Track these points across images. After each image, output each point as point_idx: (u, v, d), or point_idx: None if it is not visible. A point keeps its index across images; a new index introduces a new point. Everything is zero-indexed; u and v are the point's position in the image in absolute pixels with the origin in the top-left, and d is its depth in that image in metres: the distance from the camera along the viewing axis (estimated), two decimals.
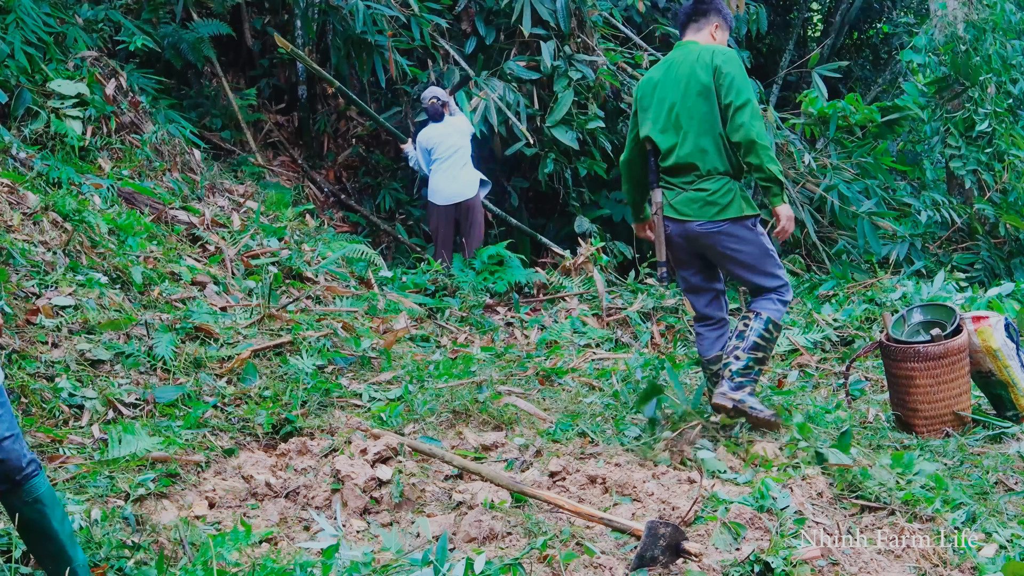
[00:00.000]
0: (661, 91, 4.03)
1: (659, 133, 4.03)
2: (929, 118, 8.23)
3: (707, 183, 3.94)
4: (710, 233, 3.94)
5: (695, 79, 3.91)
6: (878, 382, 5.22)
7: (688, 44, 4.07)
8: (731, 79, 3.85)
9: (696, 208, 3.95)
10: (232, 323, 4.84)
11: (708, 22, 4.12)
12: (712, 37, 4.11)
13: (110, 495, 3.20)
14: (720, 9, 4.13)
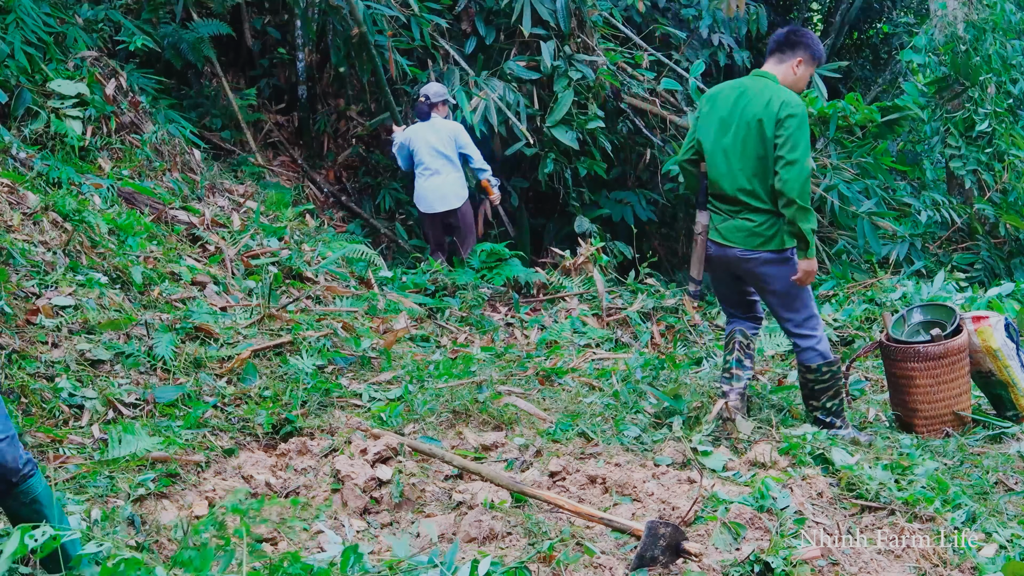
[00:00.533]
0: (724, 117, 4.12)
1: (712, 160, 4.16)
2: (929, 118, 8.22)
3: (753, 215, 4.08)
4: (750, 259, 4.12)
5: (757, 124, 4.01)
6: (878, 382, 5.22)
7: (764, 78, 4.14)
8: (790, 135, 3.94)
9: (741, 237, 4.12)
10: (232, 323, 4.84)
11: (793, 56, 4.17)
12: (793, 71, 4.17)
13: (110, 495, 3.20)
14: (809, 45, 4.18)
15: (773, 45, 4.23)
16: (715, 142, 4.14)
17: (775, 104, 3.97)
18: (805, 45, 4.16)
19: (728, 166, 4.10)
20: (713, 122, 4.16)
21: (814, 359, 4.19)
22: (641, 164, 9.21)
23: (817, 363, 4.19)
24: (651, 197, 9.20)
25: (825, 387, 4.22)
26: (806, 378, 4.24)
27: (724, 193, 4.14)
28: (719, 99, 4.18)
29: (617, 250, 8.47)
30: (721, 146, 4.12)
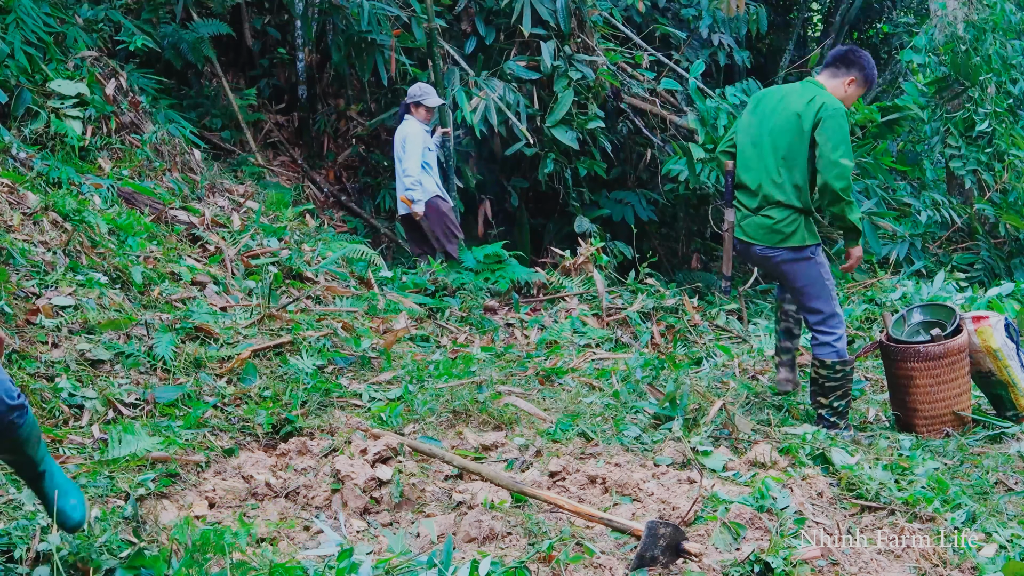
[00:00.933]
0: (765, 112, 4.24)
1: (743, 153, 4.29)
2: (929, 118, 8.22)
3: (774, 211, 4.18)
4: (770, 256, 4.23)
5: (795, 119, 4.11)
6: (878, 382, 5.22)
7: (812, 84, 4.24)
8: (830, 134, 4.03)
9: (762, 233, 4.22)
10: (232, 323, 4.84)
11: (847, 74, 4.25)
12: (844, 88, 4.26)
13: (110, 495, 3.20)
14: (865, 67, 4.26)
15: (830, 59, 4.34)
16: (749, 135, 4.26)
17: (816, 103, 4.08)
18: (860, 66, 4.25)
19: (758, 159, 4.20)
20: (754, 117, 4.28)
21: (830, 355, 4.26)
22: (641, 164, 9.22)
23: (832, 360, 4.26)
24: (651, 197, 9.21)
25: (835, 386, 4.28)
26: (819, 373, 4.30)
27: (748, 188, 4.24)
28: (765, 97, 4.31)
29: (617, 250, 8.47)
30: (754, 138, 4.23)
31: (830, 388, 4.29)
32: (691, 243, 9.95)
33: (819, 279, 4.22)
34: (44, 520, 2.85)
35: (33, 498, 3.00)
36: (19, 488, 3.09)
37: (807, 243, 4.18)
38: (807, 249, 4.18)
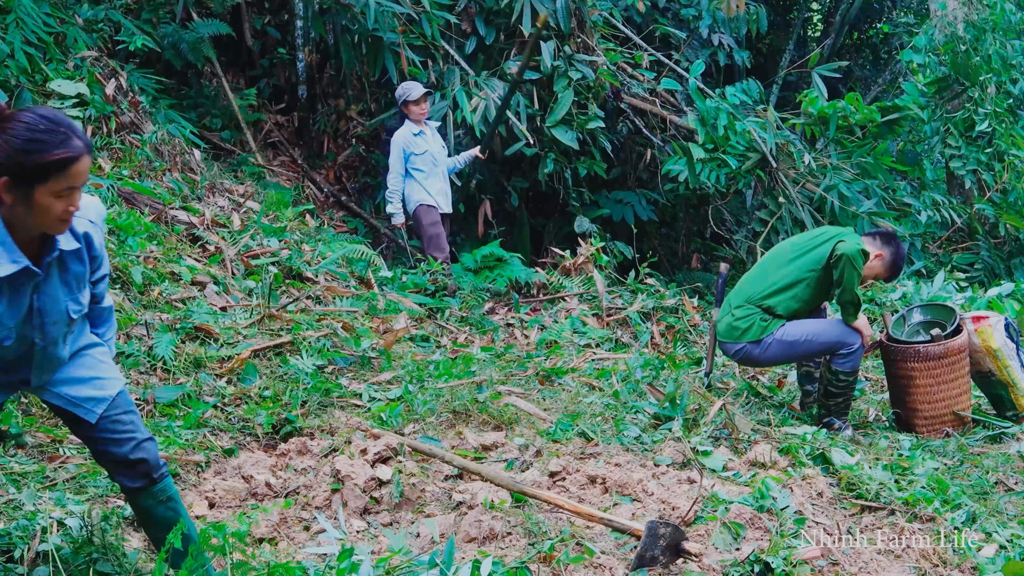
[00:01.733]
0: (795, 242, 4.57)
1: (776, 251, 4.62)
2: (929, 118, 8.22)
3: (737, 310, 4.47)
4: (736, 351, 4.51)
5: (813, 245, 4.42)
6: (878, 382, 5.22)
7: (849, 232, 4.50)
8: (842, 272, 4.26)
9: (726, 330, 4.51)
10: (232, 323, 4.84)
11: (876, 248, 4.46)
12: (872, 258, 4.44)
13: (110, 495, 3.20)
14: (895, 252, 4.48)
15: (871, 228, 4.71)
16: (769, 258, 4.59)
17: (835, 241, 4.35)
18: (889, 248, 4.47)
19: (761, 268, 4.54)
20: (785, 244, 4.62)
21: (843, 365, 4.38)
22: (641, 164, 9.21)
23: (839, 368, 4.38)
24: (651, 197, 9.20)
25: (837, 392, 4.42)
26: (826, 376, 4.44)
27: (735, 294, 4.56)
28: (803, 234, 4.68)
29: (617, 250, 8.47)
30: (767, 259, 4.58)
31: (833, 393, 4.42)
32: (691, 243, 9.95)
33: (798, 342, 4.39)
34: (44, 520, 2.85)
35: (33, 498, 3.00)
36: (19, 488, 3.09)
37: (765, 335, 4.40)
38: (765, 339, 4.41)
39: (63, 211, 2.23)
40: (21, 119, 2.17)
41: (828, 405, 4.44)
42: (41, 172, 2.16)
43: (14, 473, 3.23)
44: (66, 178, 2.19)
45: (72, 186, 2.21)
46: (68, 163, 2.18)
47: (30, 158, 2.14)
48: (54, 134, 2.18)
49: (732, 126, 7.64)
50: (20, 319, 2.31)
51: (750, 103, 8.07)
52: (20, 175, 2.15)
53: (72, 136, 2.21)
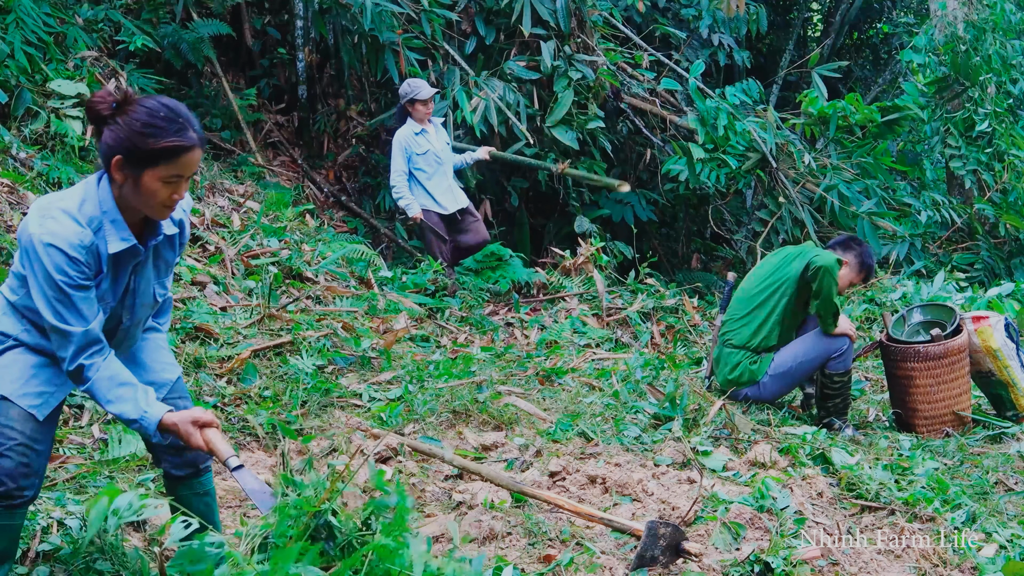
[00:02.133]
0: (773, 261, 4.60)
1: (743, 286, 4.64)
2: (929, 118, 8.22)
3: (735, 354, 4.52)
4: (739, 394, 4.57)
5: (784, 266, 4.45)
6: (878, 382, 5.22)
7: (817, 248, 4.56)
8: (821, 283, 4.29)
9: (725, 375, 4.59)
10: (232, 323, 4.84)
11: (843, 255, 4.51)
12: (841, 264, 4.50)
13: None
14: (861, 255, 4.54)
15: (833, 241, 4.69)
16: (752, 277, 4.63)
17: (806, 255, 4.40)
18: (856, 254, 4.53)
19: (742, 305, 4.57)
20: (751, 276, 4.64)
21: (836, 367, 4.41)
22: (641, 164, 9.21)
23: (832, 371, 4.42)
24: (651, 197, 9.20)
25: (834, 393, 4.44)
26: (821, 380, 4.47)
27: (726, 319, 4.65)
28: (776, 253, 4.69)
29: (617, 250, 8.47)
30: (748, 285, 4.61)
31: (828, 395, 4.45)
32: (691, 243, 9.95)
33: (792, 369, 4.44)
34: (44, 520, 2.85)
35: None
36: None
37: (758, 378, 4.47)
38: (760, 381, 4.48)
39: (168, 198, 2.31)
40: (144, 104, 2.27)
41: (827, 407, 4.45)
42: (153, 157, 2.25)
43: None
44: (175, 166, 2.27)
45: (180, 175, 2.29)
46: (180, 151, 2.26)
47: (145, 141, 2.23)
48: (172, 123, 2.26)
49: (732, 126, 7.64)
50: (117, 299, 2.39)
51: (750, 103, 8.08)
52: (134, 156, 2.24)
53: (188, 127, 2.29)
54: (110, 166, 2.26)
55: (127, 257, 2.37)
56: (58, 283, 2.24)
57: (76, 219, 2.26)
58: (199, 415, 2.33)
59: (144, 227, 2.41)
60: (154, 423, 2.30)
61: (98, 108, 2.26)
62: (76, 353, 2.28)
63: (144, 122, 2.24)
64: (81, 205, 2.29)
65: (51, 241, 2.23)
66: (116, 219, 2.32)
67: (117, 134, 2.24)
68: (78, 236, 2.25)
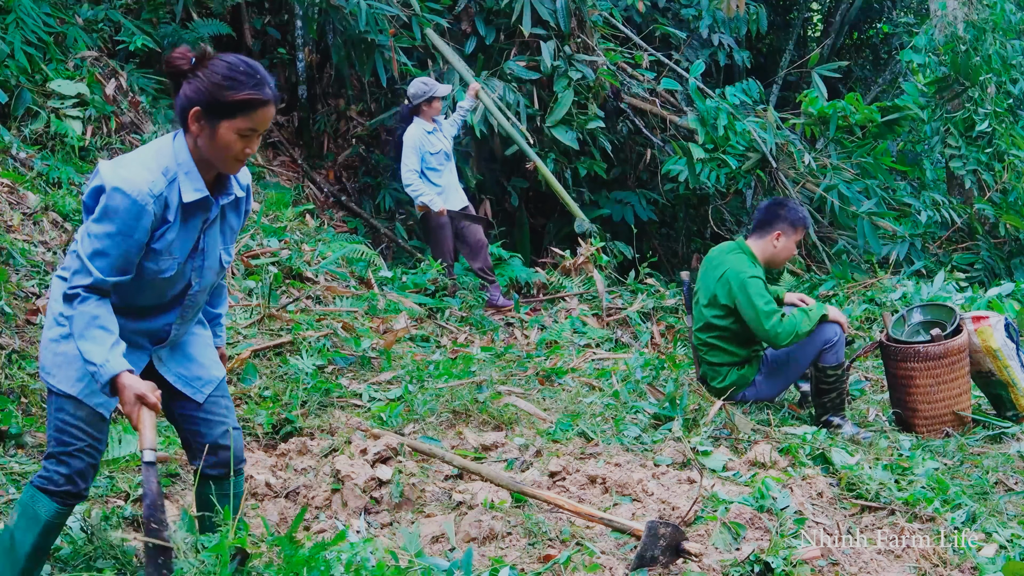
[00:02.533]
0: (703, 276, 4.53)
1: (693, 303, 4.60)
2: (929, 118, 8.22)
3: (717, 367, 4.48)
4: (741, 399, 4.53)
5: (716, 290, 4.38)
6: (878, 382, 5.22)
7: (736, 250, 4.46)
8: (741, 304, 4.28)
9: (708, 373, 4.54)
10: (232, 323, 4.84)
11: (771, 230, 4.46)
12: (773, 244, 4.45)
13: (110, 495, 3.20)
14: (787, 217, 4.45)
15: (753, 223, 4.56)
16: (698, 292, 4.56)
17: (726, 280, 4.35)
18: (782, 218, 4.45)
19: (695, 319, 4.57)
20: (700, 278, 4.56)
21: (827, 359, 4.35)
22: (641, 164, 9.21)
23: (825, 364, 4.36)
24: (651, 197, 9.20)
25: (829, 388, 4.38)
26: (814, 375, 4.42)
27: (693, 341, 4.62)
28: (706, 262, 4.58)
29: (617, 250, 8.48)
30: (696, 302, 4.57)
31: (823, 390, 4.40)
32: (691, 243, 9.95)
33: (786, 366, 4.42)
34: None
35: None
36: (19, 488, 3.09)
37: (751, 380, 4.45)
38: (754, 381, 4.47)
39: (240, 151, 2.36)
40: (224, 58, 2.35)
41: (823, 403, 4.39)
42: (230, 108, 2.31)
43: (14, 473, 3.23)
44: (251, 119, 2.34)
45: (254, 128, 2.35)
46: (256, 105, 2.34)
47: (223, 93, 2.30)
48: (250, 77, 2.35)
49: (732, 126, 7.65)
50: (185, 255, 2.41)
51: (750, 103, 8.08)
52: (212, 107, 2.30)
53: (265, 84, 2.37)
54: (187, 118, 2.31)
55: (198, 211, 2.40)
56: (109, 223, 2.26)
57: (149, 168, 2.31)
58: (147, 394, 2.27)
59: (215, 185, 2.44)
60: (109, 375, 2.24)
61: (177, 63, 2.31)
62: (80, 284, 2.26)
63: (224, 75, 2.30)
64: (156, 156, 2.34)
65: (119, 185, 2.26)
66: (191, 171, 2.36)
67: (196, 86, 2.30)
68: (148, 183, 2.28)
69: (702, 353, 4.53)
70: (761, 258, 4.46)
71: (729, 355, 4.45)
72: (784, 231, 4.45)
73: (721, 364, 4.48)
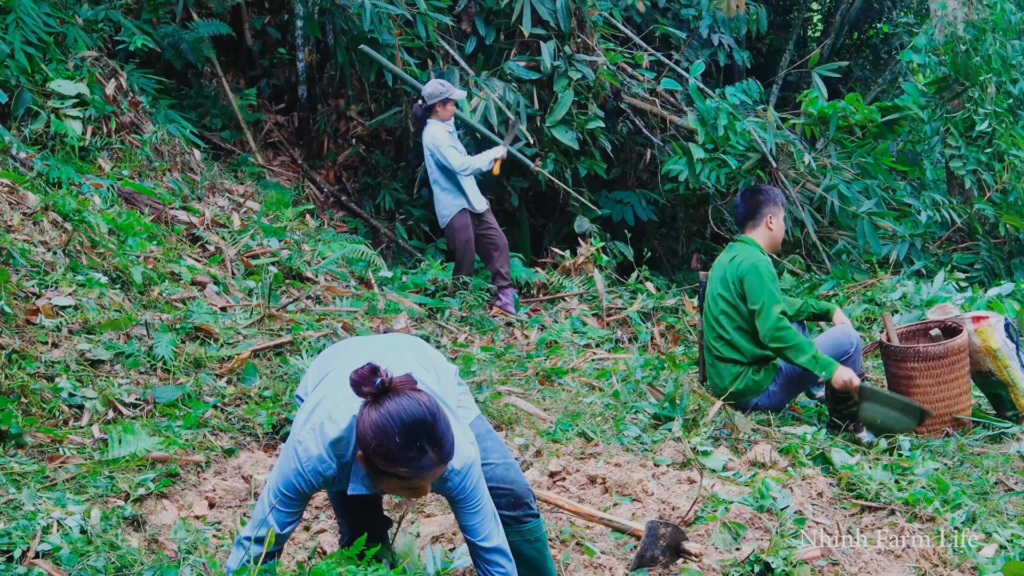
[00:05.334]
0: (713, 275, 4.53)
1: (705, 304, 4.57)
2: (929, 118, 8.22)
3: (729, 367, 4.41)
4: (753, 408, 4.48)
5: (722, 285, 4.39)
6: (878, 382, 5.22)
7: (742, 243, 4.48)
8: (750, 287, 4.27)
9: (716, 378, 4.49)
10: (232, 323, 4.84)
11: (761, 216, 4.48)
12: (769, 228, 4.47)
13: (110, 495, 3.20)
14: (772, 199, 4.48)
15: (740, 216, 4.56)
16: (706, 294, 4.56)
17: (733, 268, 4.36)
18: (768, 201, 4.49)
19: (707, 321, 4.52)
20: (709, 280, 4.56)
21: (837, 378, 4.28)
22: (641, 164, 9.21)
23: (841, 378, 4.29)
24: (651, 197, 9.20)
25: (846, 396, 4.28)
26: (830, 384, 4.32)
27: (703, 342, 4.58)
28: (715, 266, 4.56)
29: (617, 250, 8.48)
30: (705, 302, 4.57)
31: (842, 398, 4.30)
32: (691, 243, 9.95)
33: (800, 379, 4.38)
34: (44, 520, 2.85)
35: (33, 498, 3.00)
36: (19, 488, 3.09)
37: (766, 386, 4.39)
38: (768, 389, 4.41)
39: (407, 496, 2.36)
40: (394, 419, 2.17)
41: (839, 411, 4.33)
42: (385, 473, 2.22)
43: (14, 473, 3.23)
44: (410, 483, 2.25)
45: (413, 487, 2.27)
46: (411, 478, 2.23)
47: (381, 461, 2.20)
48: (407, 448, 2.18)
49: (732, 126, 7.64)
50: None
51: (750, 103, 8.08)
52: (372, 464, 2.23)
53: (426, 452, 2.19)
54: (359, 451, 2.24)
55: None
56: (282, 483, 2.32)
57: (327, 451, 2.29)
58: None
59: None
60: None
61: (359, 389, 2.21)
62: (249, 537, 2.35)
63: (379, 443, 2.17)
64: (336, 442, 2.30)
65: (299, 454, 2.30)
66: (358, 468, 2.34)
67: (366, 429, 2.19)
68: (323, 464, 2.30)
69: (713, 353, 4.46)
70: (765, 246, 4.47)
71: (739, 353, 4.37)
72: (773, 212, 4.48)
73: (733, 362, 4.38)
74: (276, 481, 2.34)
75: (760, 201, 4.48)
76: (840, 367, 4.13)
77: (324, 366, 2.59)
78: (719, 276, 4.45)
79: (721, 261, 4.50)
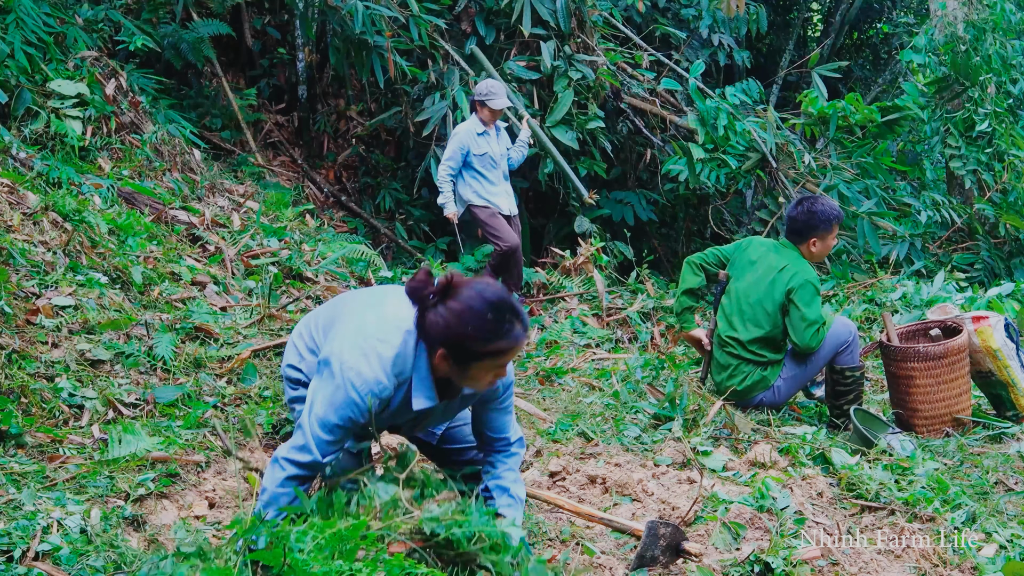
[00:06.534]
0: (749, 267, 4.45)
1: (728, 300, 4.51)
2: (929, 118, 8.22)
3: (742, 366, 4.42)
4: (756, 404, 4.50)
5: (771, 289, 4.35)
6: (878, 382, 5.22)
7: (787, 248, 4.45)
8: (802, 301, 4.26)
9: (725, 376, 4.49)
10: (232, 323, 4.84)
11: (805, 239, 4.42)
12: (810, 251, 4.43)
13: (110, 495, 3.20)
14: (822, 223, 4.39)
15: (788, 231, 4.48)
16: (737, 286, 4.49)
17: (786, 276, 4.33)
18: (815, 226, 4.39)
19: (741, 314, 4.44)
20: (742, 266, 4.50)
21: (844, 360, 4.36)
22: (641, 164, 9.21)
23: (843, 366, 4.35)
24: (651, 197, 9.20)
25: (847, 390, 4.34)
26: (831, 377, 4.40)
27: (723, 337, 4.50)
28: (752, 249, 4.52)
29: (617, 250, 8.48)
30: (736, 297, 4.47)
31: (842, 392, 4.33)
32: (691, 243, 9.95)
33: (804, 368, 4.40)
34: (44, 520, 2.85)
35: (33, 498, 3.00)
36: (19, 488, 3.09)
37: (772, 383, 4.42)
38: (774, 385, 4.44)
39: (491, 381, 2.37)
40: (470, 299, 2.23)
41: (839, 405, 4.37)
42: (481, 356, 2.26)
43: (14, 473, 3.23)
44: (503, 358, 2.31)
45: (505, 363, 2.32)
46: (507, 351, 2.28)
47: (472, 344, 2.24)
48: (499, 322, 2.24)
49: (732, 126, 7.65)
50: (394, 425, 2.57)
51: (750, 103, 8.08)
52: (459, 353, 2.26)
53: (515, 322, 2.27)
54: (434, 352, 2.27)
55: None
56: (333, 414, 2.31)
57: (385, 371, 2.30)
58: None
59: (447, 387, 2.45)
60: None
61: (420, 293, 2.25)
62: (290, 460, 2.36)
63: (473, 324, 2.21)
64: (395, 360, 2.31)
65: (353, 380, 2.30)
66: (425, 380, 2.36)
67: (442, 326, 2.22)
68: (380, 386, 2.31)
69: (730, 351, 4.44)
70: (807, 258, 4.44)
71: (759, 356, 4.39)
72: (819, 238, 4.41)
73: (748, 362, 4.39)
74: (325, 414, 2.32)
75: (810, 225, 4.39)
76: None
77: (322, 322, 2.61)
78: (765, 279, 4.37)
79: (766, 262, 4.41)
